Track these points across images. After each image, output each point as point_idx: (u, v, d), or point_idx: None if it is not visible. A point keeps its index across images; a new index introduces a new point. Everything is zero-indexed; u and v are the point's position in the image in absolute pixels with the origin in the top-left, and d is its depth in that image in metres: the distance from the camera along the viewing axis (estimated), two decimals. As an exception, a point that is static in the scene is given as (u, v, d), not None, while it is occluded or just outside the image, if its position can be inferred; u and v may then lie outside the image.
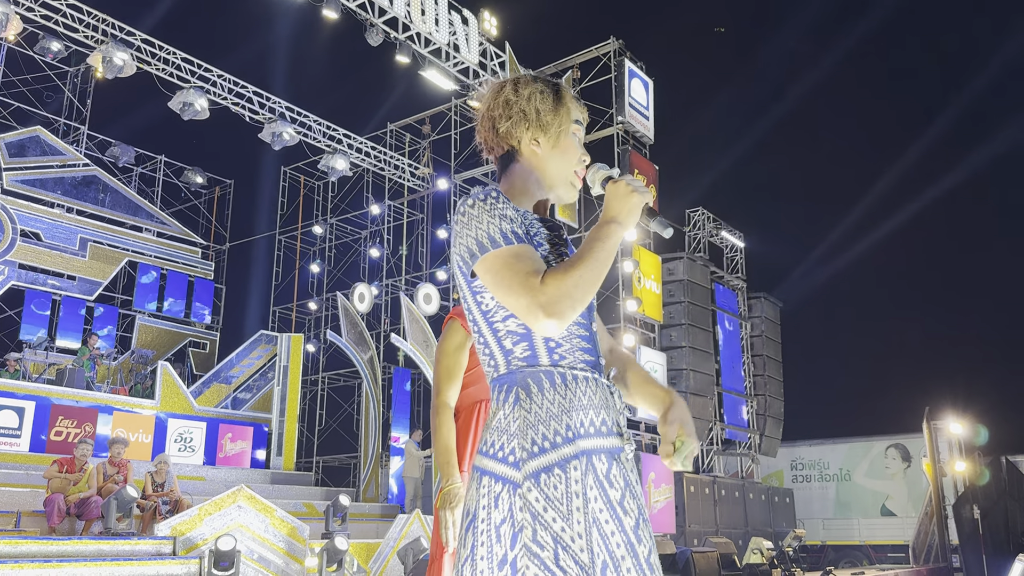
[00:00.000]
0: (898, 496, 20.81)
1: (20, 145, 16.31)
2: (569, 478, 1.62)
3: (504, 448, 1.66)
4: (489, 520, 1.63)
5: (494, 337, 1.74)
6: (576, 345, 1.74)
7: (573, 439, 1.65)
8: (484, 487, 1.66)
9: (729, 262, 20.87)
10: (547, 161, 1.88)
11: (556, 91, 1.91)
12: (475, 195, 1.76)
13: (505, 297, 1.65)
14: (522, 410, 1.67)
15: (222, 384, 15.84)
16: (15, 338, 15.87)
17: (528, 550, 1.58)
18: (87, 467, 9.36)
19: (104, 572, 7.11)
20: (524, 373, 1.70)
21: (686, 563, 9.28)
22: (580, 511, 1.61)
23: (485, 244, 1.69)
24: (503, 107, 1.88)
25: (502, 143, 1.90)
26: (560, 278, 1.61)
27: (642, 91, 17.01)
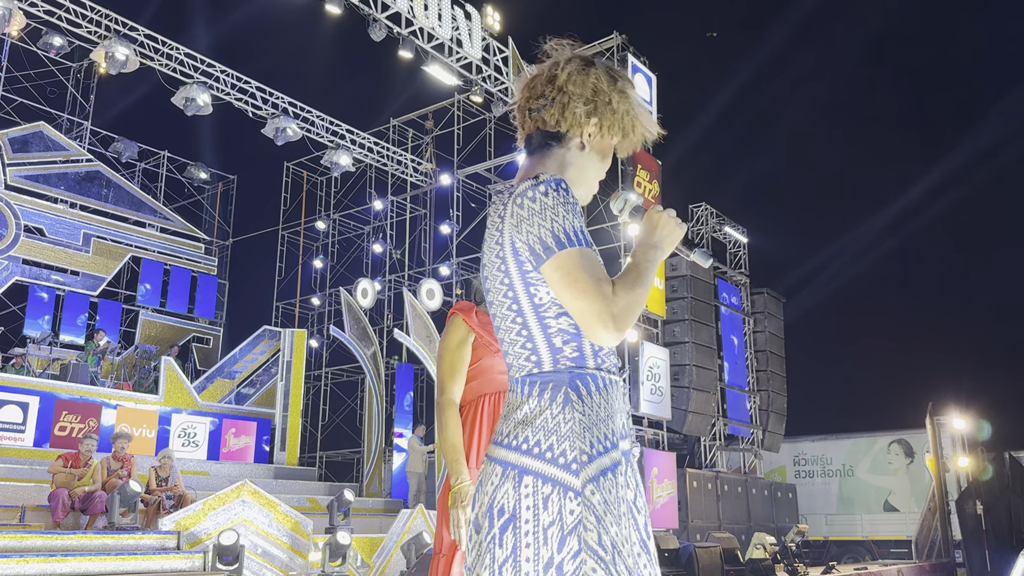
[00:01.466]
0: (901, 492, 20.81)
1: (23, 141, 16.33)
2: (617, 483, 1.63)
3: (554, 449, 1.61)
4: (536, 521, 1.58)
5: (543, 333, 1.68)
6: (610, 349, 1.73)
7: (617, 444, 1.66)
8: (527, 487, 1.60)
9: (732, 257, 20.85)
10: (588, 157, 1.82)
11: (617, 77, 1.83)
12: (547, 183, 1.65)
13: (575, 298, 1.60)
14: (576, 412, 1.63)
15: (226, 379, 15.88)
16: (19, 333, 15.91)
17: (593, 553, 1.55)
18: (91, 462, 9.39)
19: (108, 567, 7.14)
20: (574, 374, 1.66)
21: (689, 558, 9.29)
22: (627, 515, 1.62)
23: (562, 239, 1.61)
24: (589, 90, 1.79)
25: (562, 123, 1.79)
26: (629, 292, 1.60)
27: (645, 86, 16.96)
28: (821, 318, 27.72)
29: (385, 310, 19.28)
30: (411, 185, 19.83)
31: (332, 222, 21.14)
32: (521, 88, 1.86)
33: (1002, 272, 30.64)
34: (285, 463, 15.01)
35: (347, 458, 19.68)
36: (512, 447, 1.65)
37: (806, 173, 33.58)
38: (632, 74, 16.42)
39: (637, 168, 16.08)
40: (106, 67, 13.74)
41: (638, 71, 16.73)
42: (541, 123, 1.81)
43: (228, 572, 7.74)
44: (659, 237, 1.74)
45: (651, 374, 15.27)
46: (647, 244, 1.73)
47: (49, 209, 16.56)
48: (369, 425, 16.26)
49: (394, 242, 19.93)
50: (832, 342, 29.23)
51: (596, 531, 1.56)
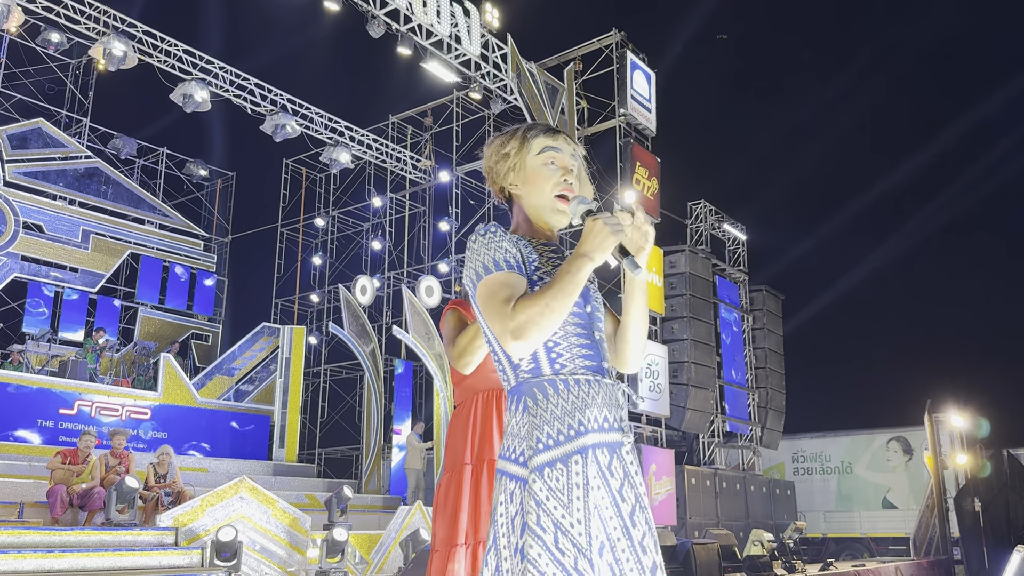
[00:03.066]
0: (899, 489, 20.83)
1: (22, 137, 16.32)
2: (570, 471, 1.81)
3: (516, 450, 1.88)
4: (507, 514, 1.85)
5: (504, 354, 1.94)
6: (576, 353, 1.91)
7: (574, 437, 1.84)
8: (503, 486, 1.88)
9: (731, 254, 20.85)
10: (527, 197, 2.08)
11: (514, 135, 2.10)
12: (477, 230, 1.98)
13: (487, 323, 1.87)
14: (529, 415, 1.87)
15: (224, 376, 15.89)
16: (18, 330, 15.91)
17: (532, 532, 1.77)
18: (90, 458, 9.39)
19: (106, 563, 7.15)
20: (530, 383, 1.89)
21: (686, 554, 9.30)
22: (580, 500, 1.79)
23: (480, 272, 1.90)
24: (487, 172, 2.14)
25: (501, 194, 2.15)
26: (528, 306, 1.79)
27: (644, 83, 16.96)
28: (820, 315, 27.73)
29: (384, 307, 19.28)
30: (410, 182, 19.82)
31: (331, 219, 21.14)
32: None
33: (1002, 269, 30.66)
34: (284, 460, 15.02)
35: (346, 455, 19.69)
36: (500, 456, 1.93)
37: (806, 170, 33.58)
38: (631, 71, 16.43)
39: (636, 165, 16.08)
40: (105, 64, 13.73)
41: (637, 68, 16.73)
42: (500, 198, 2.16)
43: (226, 568, 7.75)
44: (590, 246, 1.85)
45: (650, 371, 15.28)
46: (576, 253, 1.86)
47: (48, 206, 16.55)
48: (368, 422, 16.27)
49: (393, 239, 19.94)
50: (831, 339, 29.26)
51: (536, 513, 1.77)
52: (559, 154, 2.07)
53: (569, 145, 2.11)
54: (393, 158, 19.24)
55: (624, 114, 16.30)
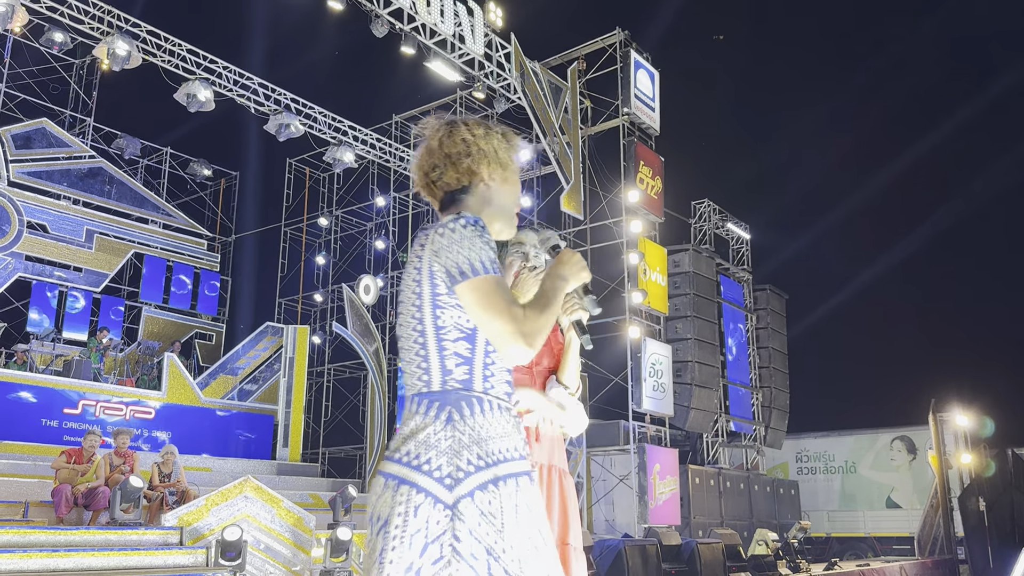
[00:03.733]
0: (903, 488, 20.80)
1: (26, 137, 16.34)
2: (501, 494, 1.75)
3: (432, 463, 1.75)
4: (404, 527, 1.72)
5: (438, 354, 1.83)
6: (502, 378, 1.89)
7: (504, 461, 1.78)
8: (403, 495, 1.74)
9: (735, 254, 20.83)
10: (499, 195, 2.04)
11: (505, 130, 2.10)
12: (466, 218, 1.86)
13: (491, 319, 1.78)
14: (455, 431, 1.78)
15: (228, 376, 15.89)
16: (22, 329, 15.93)
17: (462, 558, 1.68)
18: (95, 458, 9.41)
19: (111, 562, 7.15)
20: (459, 395, 1.81)
21: (691, 554, 9.30)
22: (513, 524, 1.73)
23: (476, 267, 1.80)
24: (462, 144, 2.02)
25: (462, 178, 2.02)
26: (538, 314, 1.80)
27: (648, 82, 16.95)
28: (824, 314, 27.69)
29: (387, 306, 19.28)
30: (413, 182, 19.78)
31: (335, 218, 21.14)
32: (415, 171, 2.10)
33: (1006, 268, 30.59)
34: (288, 459, 15.03)
35: (350, 454, 19.70)
36: (395, 459, 1.80)
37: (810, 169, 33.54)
38: (635, 70, 16.41)
39: (639, 164, 16.06)
40: (108, 63, 13.74)
41: (641, 67, 16.71)
42: (447, 187, 2.04)
43: (231, 568, 7.76)
44: (567, 272, 1.96)
45: (653, 370, 15.26)
46: (555, 274, 1.94)
47: (52, 206, 16.58)
48: (371, 421, 16.27)
49: (396, 239, 19.94)
50: (835, 338, 29.21)
51: (468, 541, 1.70)
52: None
53: None
54: (396, 157, 19.23)
55: (628, 113, 16.28)
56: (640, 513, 14.28)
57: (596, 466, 15.29)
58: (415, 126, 19.71)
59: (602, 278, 16.59)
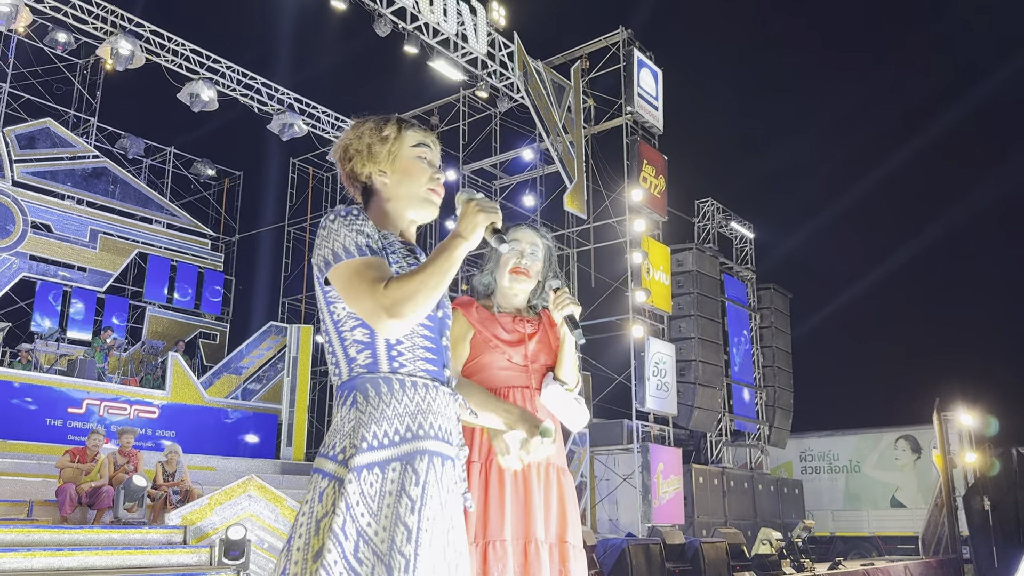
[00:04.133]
0: (908, 487, 20.77)
1: (30, 137, 16.37)
2: (386, 478, 1.73)
3: (336, 447, 1.78)
4: (311, 514, 1.73)
5: (341, 346, 1.87)
6: (419, 355, 1.87)
7: (406, 440, 1.78)
8: (313, 483, 1.78)
9: (739, 253, 20.81)
10: (396, 186, 2.05)
11: (384, 122, 2.09)
12: (336, 211, 1.91)
13: (353, 302, 1.79)
14: (357, 411, 1.79)
15: (232, 375, 15.90)
16: (27, 329, 15.96)
17: (333, 535, 1.67)
18: (98, 457, 9.42)
19: (115, 561, 7.17)
20: (364, 379, 1.82)
21: (695, 553, 9.29)
22: (390, 508, 1.71)
23: (340, 254, 1.82)
24: (343, 151, 2.08)
25: (355, 182, 2.08)
26: (403, 283, 1.76)
27: (651, 81, 16.93)
28: (828, 313, 27.65)
29: (391, 306, 19.27)
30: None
31: (338, 218, 21.13)
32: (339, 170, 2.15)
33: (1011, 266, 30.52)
34: (291, 458, 15.04)
35: (353, 454, 19.70)
36: (319, 453, 1.82)
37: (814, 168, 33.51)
38: (638, 69, 16.40)
39: (643, 163, 16.05)
40: (112, 63, 13.77)
41: (644, 66, 16.70)
42: (355, 191, 2.11)
43: (235, 567, 7.76)
44: (463, 226, 1.89)
45: (657, 369, 15.25)
46: (452, 234, 1.90)
47: (56, 205, 16.60)
48: (375, 421, 16.25)
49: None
50: (839, 337, 29.17)
51: (343, 517, 1.67)
52: (430, 152, 2.11)
53: (438, 147, 2.15)
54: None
55: (631, 112, 16.27)
56: (644, 512, 14.27)
57: (599, 465, 15.28)
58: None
59: (605, 277, 16.58)
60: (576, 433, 14.37)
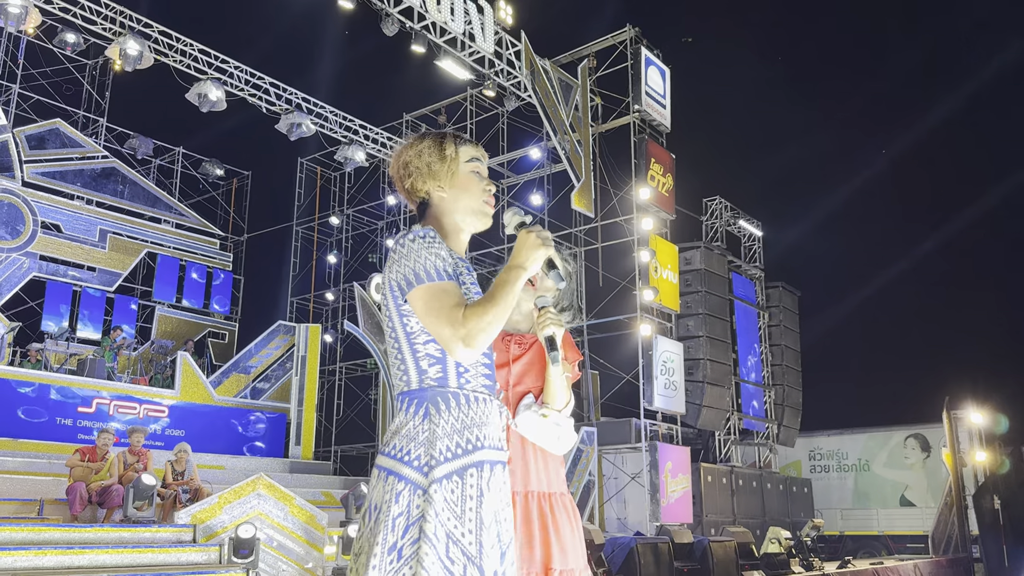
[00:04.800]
0: (917, 486, 20.69)
1: (40, 138, 16.45)
2: (465, 484, 1.94)
3: (411, 454, 1.95)
4: (389, 512, 1.91)
5: (413, 357, 2.01)
6: (479, 372, 2.05)
7: (471, 451, 1.97)
8: (389, 485, 1.94)
9: (747, 251, 20.76)
10: (454, 201, 2.17)
11: (442, 140, 2.21)
12: (415, 232, 2.05)
13: (432, 324, 1.96)
14: (431, 424, 1.96)
15: (241, 374, 15.95)
16: (37, 329, 16.04)
17: (428, 540, 1.86)
18: (108, 456, 9.47)
19: (125, 559, 7.20)
20: (435, 391, 1.99)
21: (703, 552, 9.28)
22: (473, 511, 1.93)
23: (421, 276, 1.98)
24: (403, 168, 2.20)
25: (414, 197, 2.21)
26: (478, 315, 1.92)
27: (659, 79, 16.91)
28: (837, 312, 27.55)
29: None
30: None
31: (346, 217, 21.19)
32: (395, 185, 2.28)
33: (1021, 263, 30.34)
34: (300, 457, 15.08)
35: (361, 452, 19.76)
36: (385, 453, 2.00)
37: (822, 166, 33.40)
38: (646, 67, 16.37)
39: (650, 162, 16.03)
40: (121, 64, 13.82)
41: (652, 64, 16.67)
42: (414, 200, 2.23)
43: (244, 565, 7.79)
44: (524, 258, 2.04)
45: (665, 368, 15.23)
46: (512, 264, 2.04)
47: (66, 206, 16.68)
48: (383, 419, 16.30)
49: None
50: (848, 336, 29.05)
51: (434, 523, 1.87)
52: (482, 166, 2.24)
53: (486, 159, 2.28)
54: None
55: (639, 110, 16.25)
56: (652, 511, 14.25)
57: (608, 464, 15.28)
58: (425, 124, 19.77)
59: (613, 276, 16.57)
60: (584, 431, 14.38)
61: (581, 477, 13.86)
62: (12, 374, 12.71)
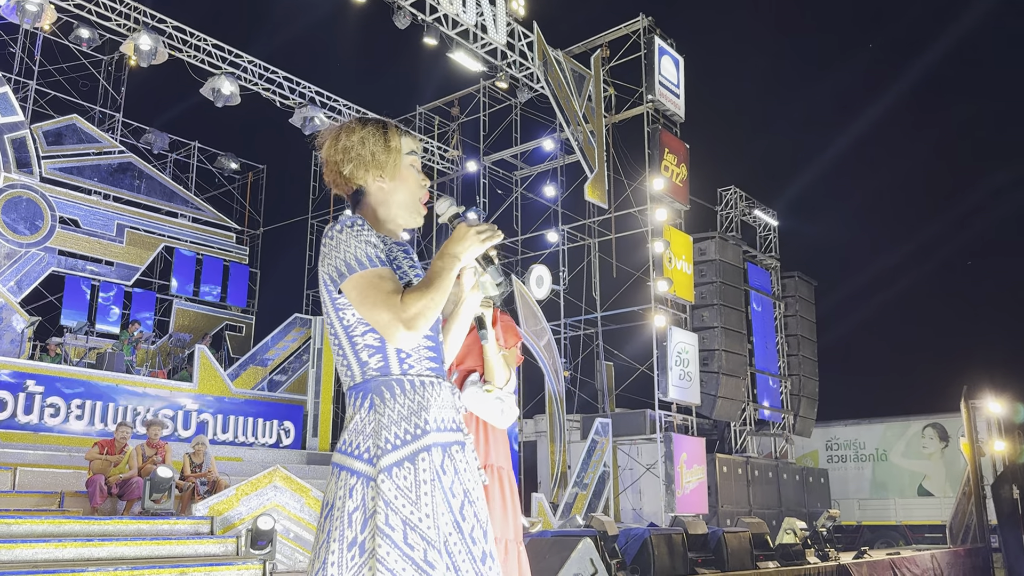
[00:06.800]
0: (936, 476, 20.58)
1: (57, 133, 16.59)
2: (418, 468, 1.90)
3: (360, 447, 1.93)
4: (343, 508, 1.89)
5: (352, 350, 1.99)
6: (423, 356, 2.02)
7: (420, 436, 1.93)
8: (342, 480, 1.93)
9: (762, 241, 20.65)
10: (392, 192, 2.14)
11: (385, 129, 2.15)
12: (342, 222, 2.01)
13: (369, 312, 1.93)
14: (376, 414, 1.94)
15: (258, 367, 16.06)
16: (56, 323, 16.21)
17: (381, 533, 1.83)
18: (127, 449, 9.57)
19: (144, 551, 7.29)
20: (378, 381, 1.97)
21: (718, 543, 9.27)
22: (428, 495, 1.89)
23: (352, 265, 1.95)
24: (343, 152, 2.13)
25: (350, 184, 2.15)
26: (416, 299, 1.90)
27: (672, 69, 16.82)
28: (853, 301, 27.37)
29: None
30: (438, 172, 19.86)
31: (360, 210, 21.23)
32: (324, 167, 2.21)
33: (1041, 253, 29.99)
34: (317, 449, 15.18)
35: (378, 444, 19.85)
36: (338, 449, 1.98)
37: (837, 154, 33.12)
38: (659, 57, 16.29)
39: (664, 152, 15.97)
40: (135, 59, 13.91)
41: (665, 53, 16.59)
42: (347, 188, 2.19)
43: (261, 556, 7.87)
44: (460, 248, 2.00)
45: (679, 359, 15.21)
46: (445, 252, 2.01)
47: (83, 201, 16.83)
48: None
49: (421, 230, 19.99)
50: (865, 325, 28.87)
51: (384, 513, 1.85)
52: (418, 160, 2.21)
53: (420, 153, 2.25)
54: (421, 149, 19.28)
55: (652, 100, 16.18)
56: (667, 502, 14.26)
57: (623, 455, 15.29)
58: (439, 117, 19.78)
59: (627, 267, 16.54)
60: (598, 422, 14.39)
61: (596, 468, 13.89)
62: (33, 368, 12.86)
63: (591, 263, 17.48)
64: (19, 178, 15.62)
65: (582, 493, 13.68)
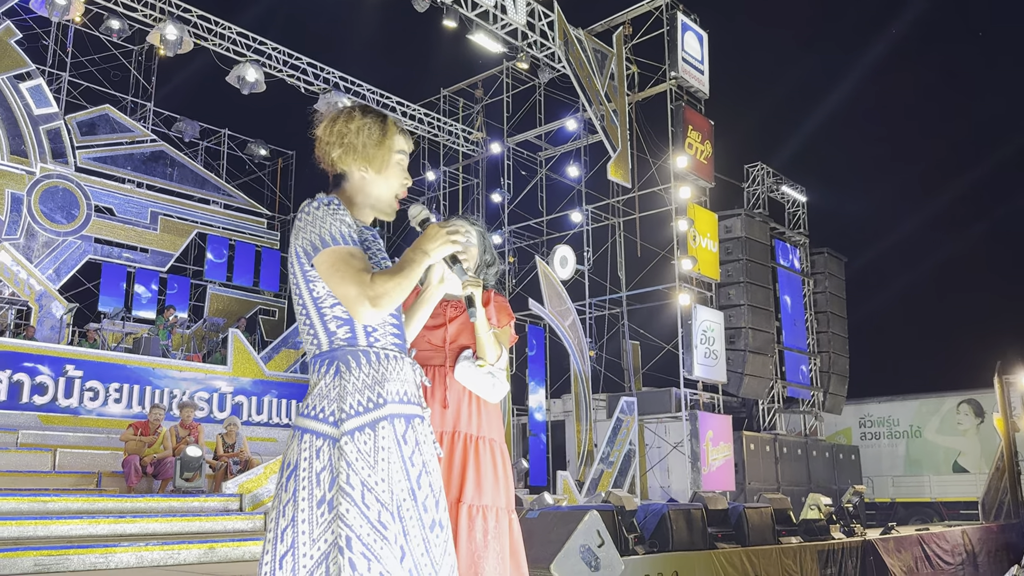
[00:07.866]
0: (971, 452, 20.34)
1: (91, 124, 16.97)
2: (377, 435, 2.01)
3: (325, 411, 2.04)
4: (311, 468, 2.00)
5: (321, 321, 2.10)
6: (388, 331, 2.14)
7: (382, 405, 2.05)
8: (306, 442, 2.03)
9: (791, 217, 20.46)
10: (373, 185, 2.24)
11: (383, 125, 2.23)
12: (319, 199, 2.12)
13: (338, 285, 2.03)
14: (342, 380, 2.05)
15: (291, 350, 16.36)
16: (94, 309, 16.66)
17: (342, 491, 1.95)
18: (160, 430, 9.89)
19: (175, 527, 7.56)
20: (345, 351, 2.08)
21: (738, 518, 9.30)
22: (384, 461, 2.00)
23: (327, 240, 2.05)
24: (337, 136, 2.22)
25: (334, 167, 2.24)
26: (385, 281, 2.02)
27: (696, 45, 16.68)
28: (884, 277, 27.02)
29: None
30: (462, 155, 19.95)
31: (388, 193, 21.40)
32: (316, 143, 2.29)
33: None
34: (347, 429, 15.46)
35: (409, 424, 20.12)
36: (301, 413, 2.09)
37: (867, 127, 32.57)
38: (682, 33, 16.16)
39: (688, 129, 15.88)
40: (163, 49, 14.17)
41: (688, 29, 16.45)
42: (331, 169, 2.26)
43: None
44: (431, 247, 2.14)
45: (705, 337, 15.20)
46: (416, 247, 2.14)
47: (117, 189, 17.23)
48: (427, 392, 16.56)
49: (447, 212, 20.14)
50: (897, 301, 28.49)
51: (346, 473, 1.97)
52: (406, 159, 2.29)
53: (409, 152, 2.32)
54: (445, 131, 19.37)
55: (675, 77, 16.07)
56: (693, 479, 14.33)
57: (649, 433, 15.37)
58: (463, 99, 19.85)
59: (652, 246, 16.53)
60: (624, 401, 14.47)
61: (621, 446, 13.99)
62: (72, 353, 13.26)
63: (615, 242, 17.49)
64: (55, 168, 16.03)
65: (607, 471, 13.80)
